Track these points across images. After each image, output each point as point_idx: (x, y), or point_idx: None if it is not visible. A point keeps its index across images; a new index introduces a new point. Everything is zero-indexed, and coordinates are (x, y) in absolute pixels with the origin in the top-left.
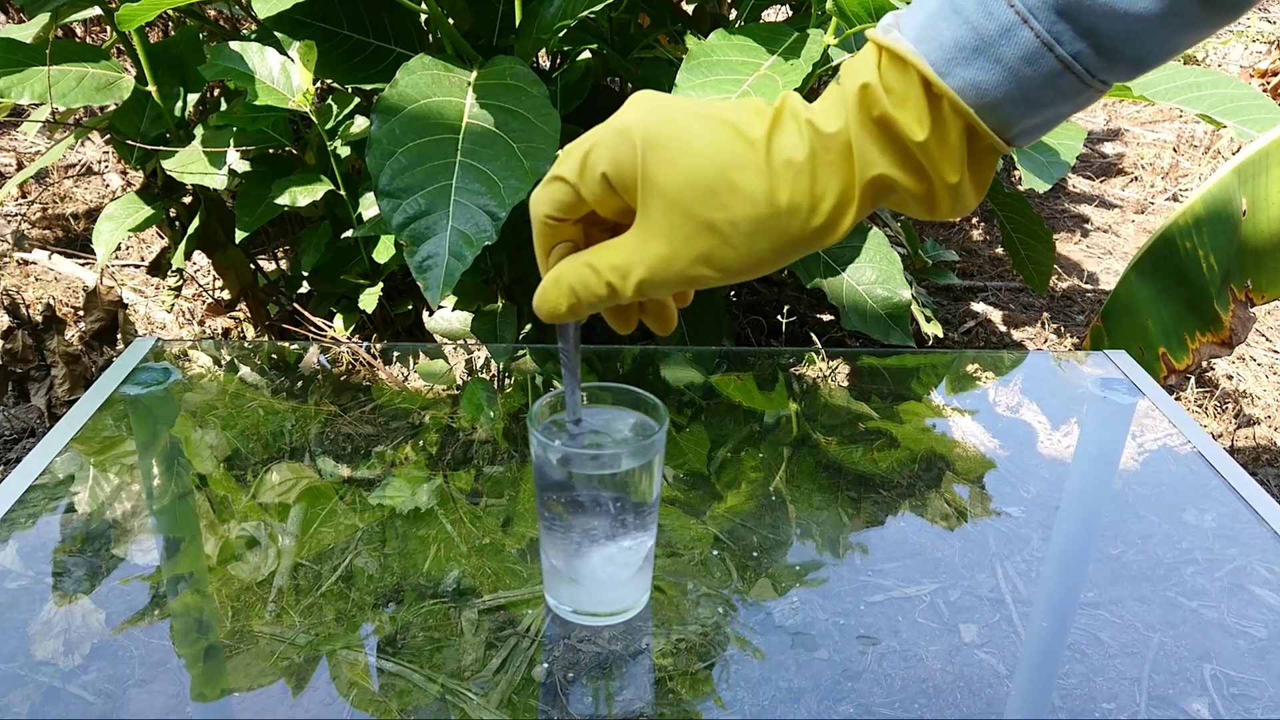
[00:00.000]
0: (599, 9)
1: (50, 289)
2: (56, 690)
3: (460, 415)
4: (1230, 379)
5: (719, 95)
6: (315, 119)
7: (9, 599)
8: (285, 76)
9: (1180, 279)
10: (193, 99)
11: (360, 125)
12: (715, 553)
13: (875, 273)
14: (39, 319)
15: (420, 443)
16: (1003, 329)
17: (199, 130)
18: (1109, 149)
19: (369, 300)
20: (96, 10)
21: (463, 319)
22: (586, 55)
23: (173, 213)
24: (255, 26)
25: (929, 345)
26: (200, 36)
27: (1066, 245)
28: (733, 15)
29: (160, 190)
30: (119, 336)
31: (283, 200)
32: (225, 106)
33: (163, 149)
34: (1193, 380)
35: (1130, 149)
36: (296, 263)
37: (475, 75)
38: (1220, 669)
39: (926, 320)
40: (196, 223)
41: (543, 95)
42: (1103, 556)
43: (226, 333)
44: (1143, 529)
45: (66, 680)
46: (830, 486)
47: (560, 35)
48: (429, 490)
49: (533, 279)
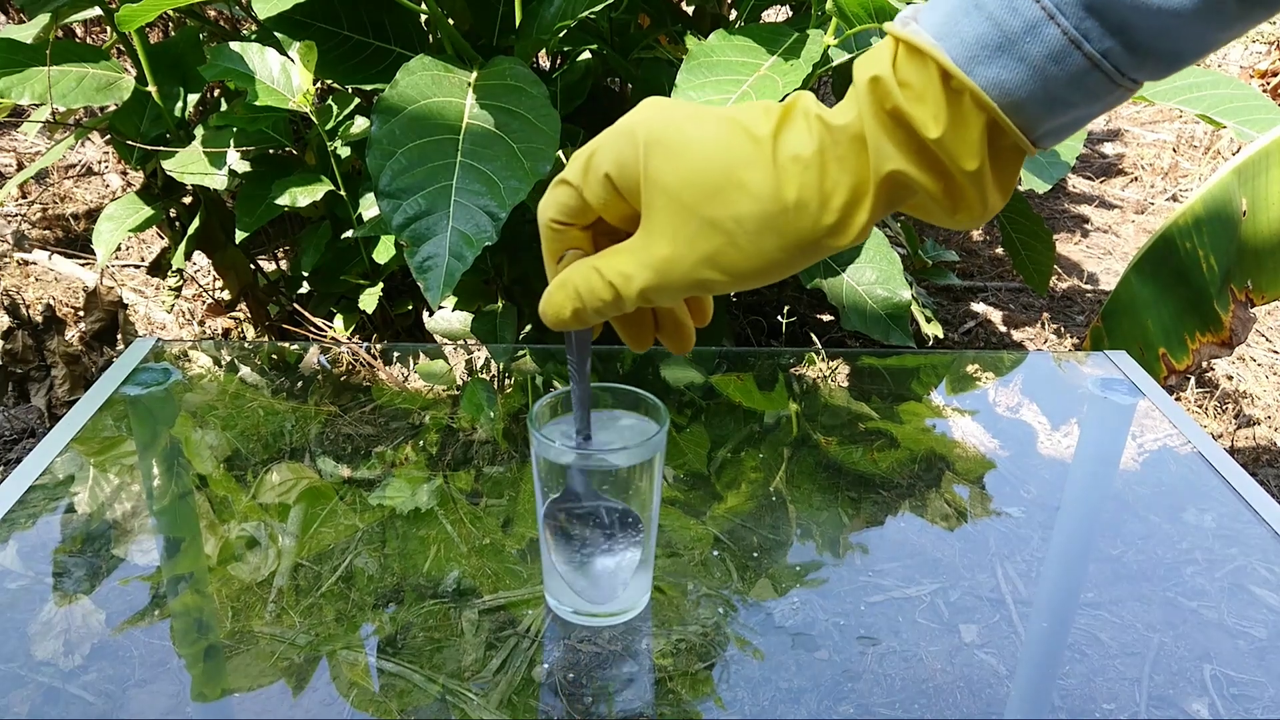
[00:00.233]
0: (599, 9)
1: (50, 289)
2: (56, 690)
3: (460, 416)
4: (1230, 379)
5: (719, 96)
6: (315, 119)
7: (9, 599)
8: (285, 77)
9: (1180, 279)
10: (193, 99)
11: (360, 125)
12: (715, 553)
13: (875, 273)
14: (39, 319)
15: (420, 443)
16: (1003, 329)
17: (199, 130)
18: (1109, 149)
19: (369, 300)
20: (96, 10)
21: (463, 319)
22: (586, 56)
23: (173, 213)
24: (255, 27)
25: (929, 345)
26: (200, 37)
27: (1066, 245)
28: (733, 15)
29: (160, 190)
30: (119, 337)
31: (283, 200)
32: (225, 107)
33: (163, 149)
34: (1193, 380)
35: (1130, 149)
36: (296, 263)
37: (475, 76)
38: (1220, 669)
39: (926, 320)
40: (196, 223)
41: (543, 95)
42: (1103, 556)
43: (226, 333)
44: (1143, 529)
45: (66, 680)
46: (830, 487)
47: (560, 35)
48: (429, 490)
49: (533, 280)
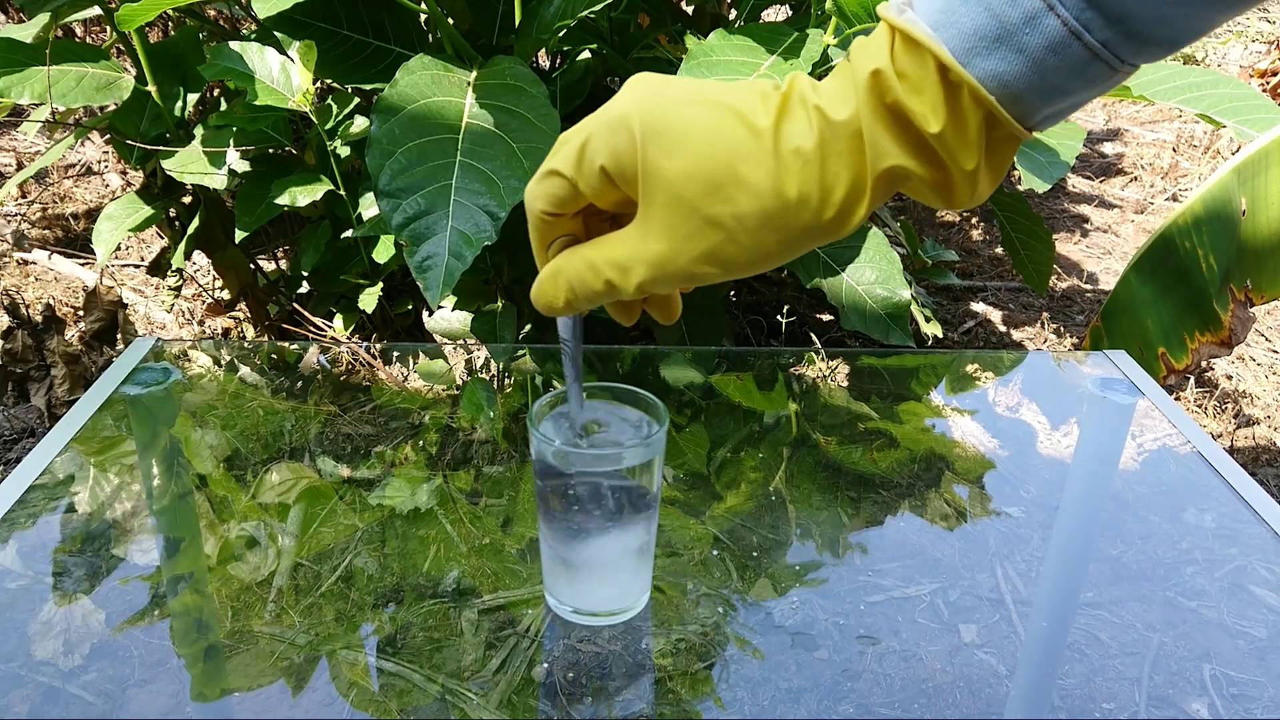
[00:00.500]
0: (599, 9)
1: (50, 289)
2: (56, 690)
3: (460, 415)
4: (1230, 379)
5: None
6: (315, 119)
7: (9, 599)
8: (285, 76)
9: (1180, 279)
10: (193, 99)
11: (360, 125)
12: (715, 553)
13: (875, 273)
14: (39, 319)
15: (420, 443)
16: (1002, 329)
17: (199, 130)
18: (1109, 149)
19: (369, 300)
20: (96, 10)
21: (463, 319)
22: (586, 55)
23: (173, 213)
24: (255, 26)
25: (929, 345)
26: (200, 36)
27: (1066, 245)
28: (732, 15)
29: (160, 190)
30: (119, 336)
31: (283, 200)
32: (225, 106)
33: (163, 149)
34: (1193, 380)
35: (1130, 149)
36: (296, 263)
37: (475, 75)
38: (1220, 669)
39: (926, 320)
40: (196, 223)
41: (542, 95)
42: (1103, 556)
43: (226, 333)
44: (1143, 529)
45: (66, 680)
46: (830, 486)
47: (560, 35)
48: (429, 490)
49: (532, 279)
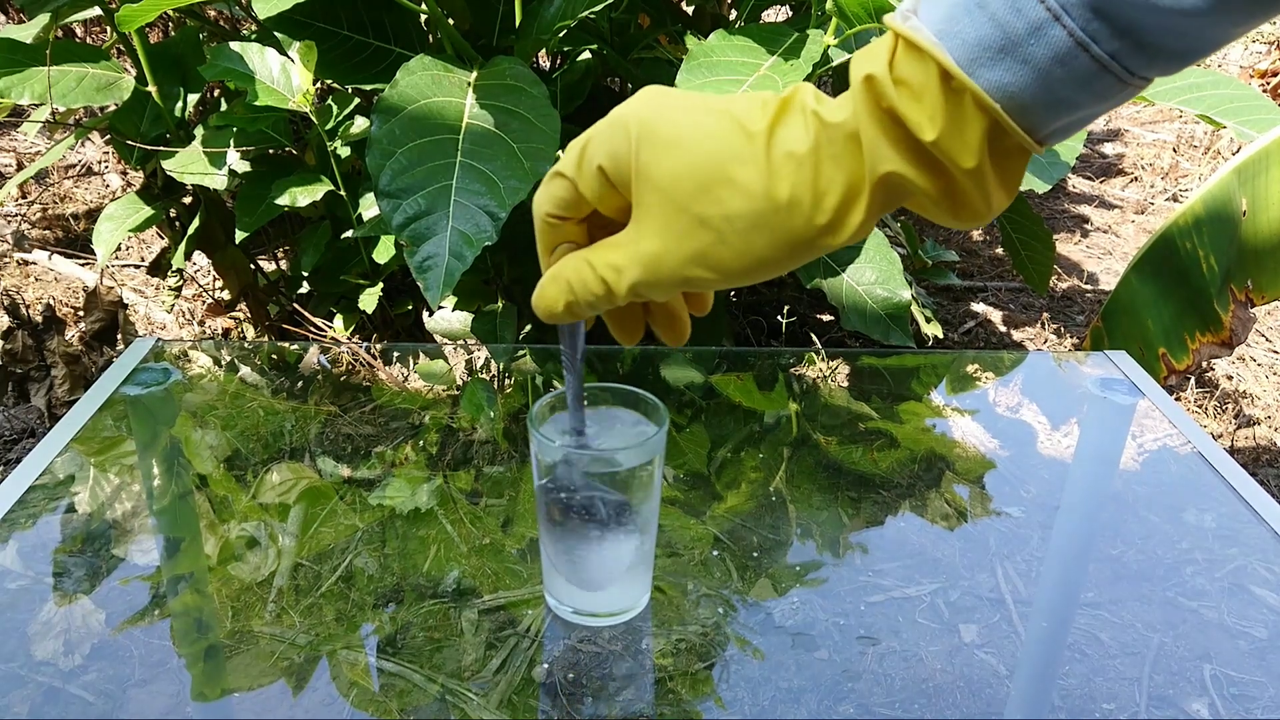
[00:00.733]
0: (599, 9)
1: (50, 289)
2: (56, 690)
3: (460, 415)
4: (1230, 379)
5: (719, 95)
6: (315, 119)
7: (9, 599)
8: (285, 77)
9: (1180, 279)
10: (193, 99)
11: (360, 125)
12: (715, 553)
13: (875, 273)
14: (39, 319)
15: (420, 443)
16: (1003, 329)
17: (199, 130)
18: (1109, 149)
19: (369, 300)
20: (96, 10)
21: (463, 319)
22: (586, 55)
23: (173, 213)
24: (255, 27)
25: (929, 345)
26: (200, 37)
27: (1066, 245)
28: (733, 15)
29: (160, 190)
30: (119, 337)
31: (283, 200)
32: (225, 106)
33: (163, 149)
34: (1193, 380)
35: (1130, 149)
36: (296, 263)
37: (475, 75)
38: (1220, 669)
39: (926, 320)
40: (196, 223)
41: (543, 95)
42: (1103, 556)
43: (226, 333)
44: (1143, 529)
45: (66, 680)
46: (830, 487)
47: (560, 35)
48: (429, 490)
49: (532, 279)
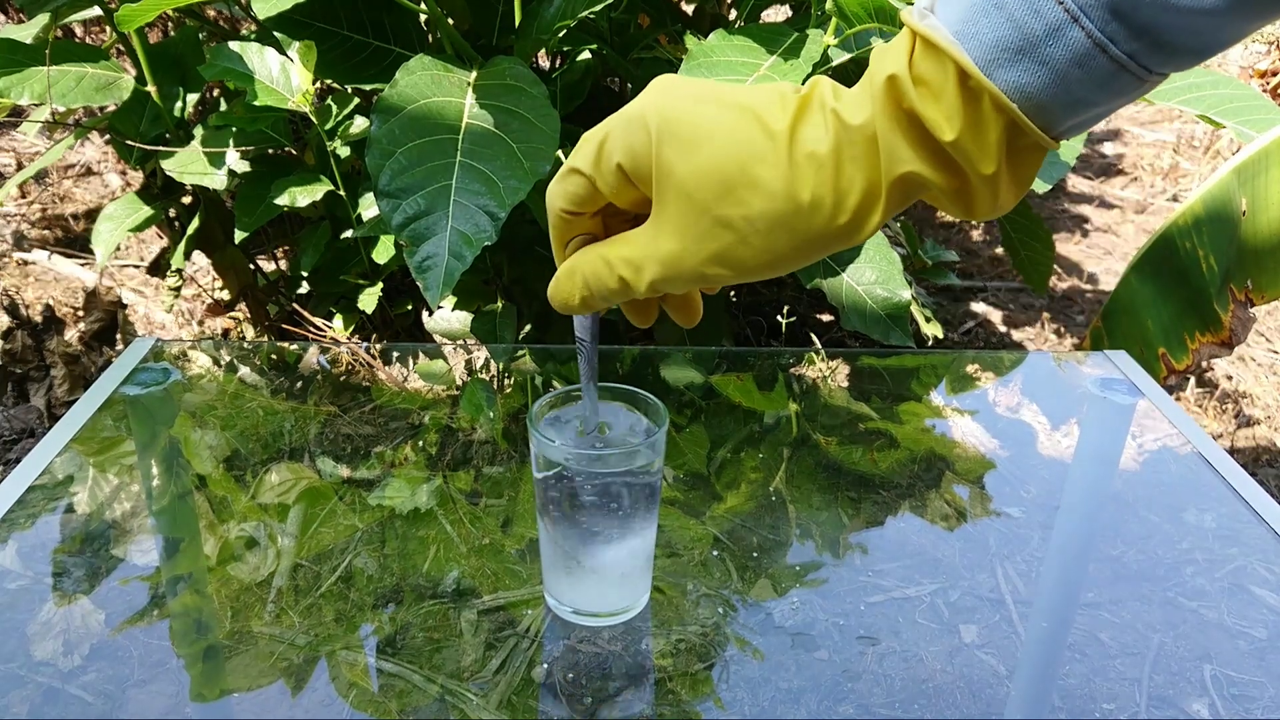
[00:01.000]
0: (599, 9)
1: (50, 289)
2: (56, 690)
3: (460, 415)
4: (1230, 379)
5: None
6: (315, 119)
7: (9, 599)
8: (285, 76)
9: (1180, 279)
10: (192, 99)
11: (360, 125)
12: (715, 553)
13: (875, 273)
14: (39, 319)
15: (420, 443)
16: (1003, 329)
17: (198, 130)
18: (1109, 149)
19: (369, 300)
20: (96, 10)
21: (462, 319)
22: (586, 55)
23: (172, 213)
24: (255, 26)
25: (929, 345)
26: (200, 36)
27: (1066, 245)
28: (732, 15)
29: (160, 190)
30: (118, 337)
31: (282, 200)
32: (225, 106)
33: (162, 149)
34: (1193, 380)
35: (1130, 149)
36: (296, 263)
37: (475, 75)
38: (1220, 669)
39: (926, 320)
40: (196, 223)
41: (543, 95)
42: (1103, 556)
43: (226, 333)
44: (1143, 529)
45: (66, 680)
46: (830, 487)
47: (560, 35)
48: (428, 491)
49: (533, 280)
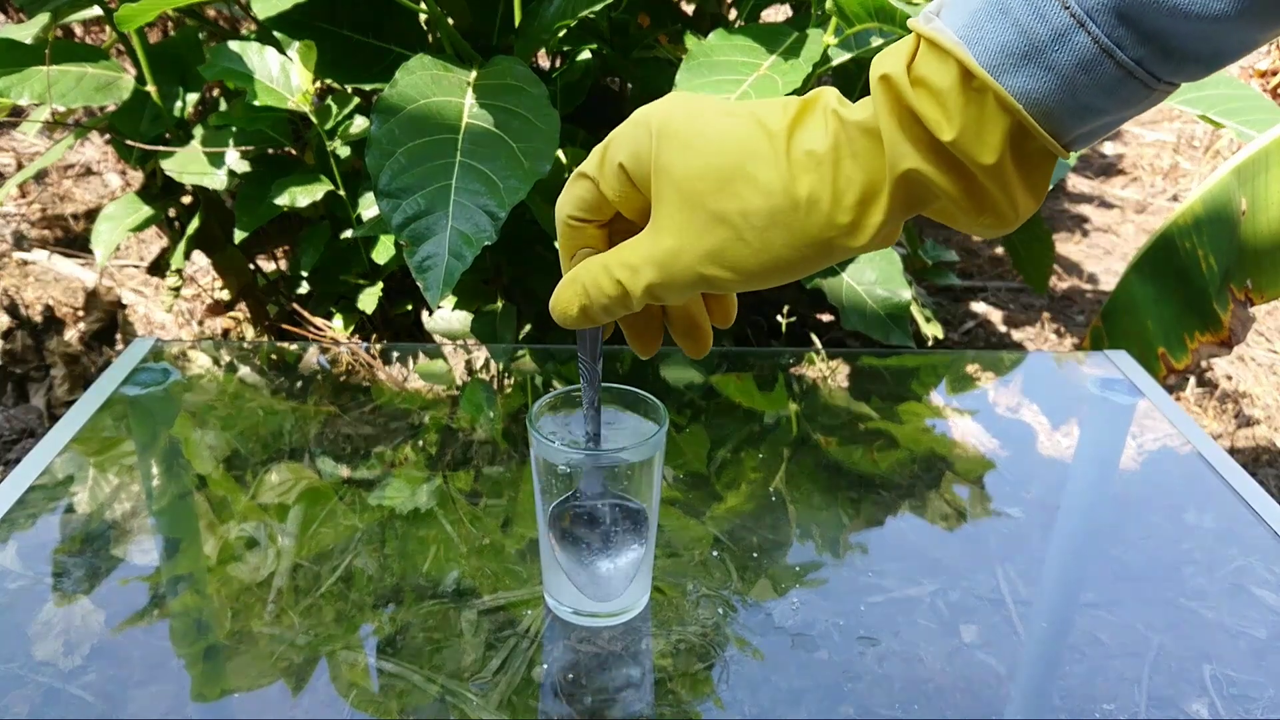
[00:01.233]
0: (599, 9)
1: (50, 289)
2: (56, 690)
3: (460, 415)
4: (1230, 379)
5: (719, 95)
6: (315, 119)
7: (9, 599)
8: (285, 76)
9: (1180, 279)
10: (192, 99)
11: (360, 125)
12: (715, 553)
13: (875, 273)
14: (39, 319)
15: (420, 443)
16: (1003, 329)
17: (198, 130)
18: (1109, 149)
19: (368, 300)
20: (96, 10)
21: (462, 319)
22: (586, 55)
23: (172, 213)
24: (255, 26)
25: (929, 345)
26: (200, 36)
27: (1066, 245)
28: (732, 15)
29: (160, 190)
30: (118, 337)
31: (282, 200)
32: (225, 106)
33: (162, 149)
34: (1193, 380)
35: (1130, 149)
36: (296, 263)
37: (475, 75)
38: (1220, 669)
39: (926, 321)
40: (196, 223)
41: (543, 95)
42: (1103, 556)
43: (226, 333)
44: (1143, 529)
45: (66, 681)
46: (830, 487)
47: (560, 35)
48: (429, 491)
49: (533, 280)
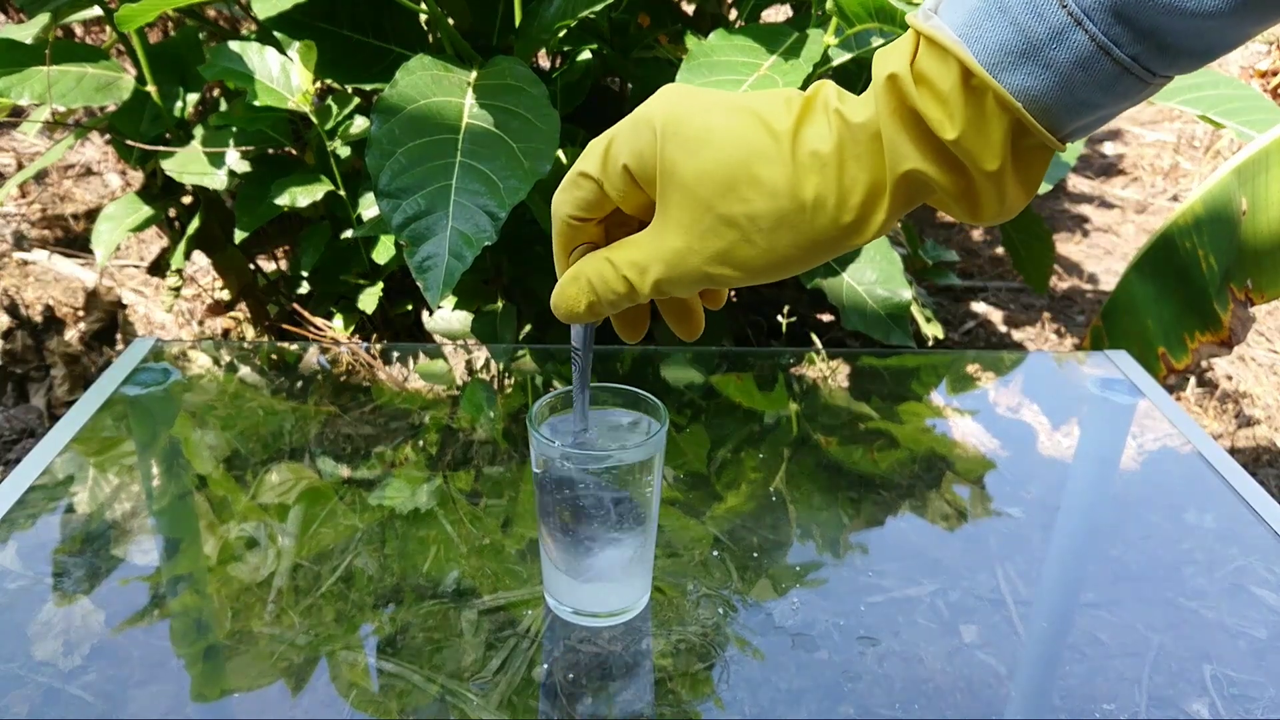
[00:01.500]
0: (599, 9)
1: (50, 289)
2: (56, 690)
3: (460, 415)
4: (1230, 379)
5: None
6: (315, 119)
7: (9, 599)
8: (285, 76)
9: (1180, 279)
10: (192, 99)
11: (360, 125)
12: (715, 553)
13: (875, 273)
14: (39, 319)
15: (420, 443)
16: (1003, 329)
17: (199, 130)
18: (1109, 149)
19: (369, 300)
20: (96, 10)
21: (462, 319)
22: (586, 55)
23: (172, 213)
24: (255, 26)
25: (929, 345)
26: (200, 36)
27: (1066, 245)
28: (733, 15)
29: (160, 190)
30: (118, 337)
31: (282, 200)
32: (225, 106)
33: (162, 149)
34: (1193, 380)
35: (1130, 149)
36: (296, 263)
37: (475, 75)
38: (1220, 669)
39: (927, 320)
40: (196, 223)
41: (543, 95)
42: (1103, 557)
43: (226, 333)
44: (1143, 529)
45: (66, 680)
46: (830, 487)
47: (560, 35)
48: (429, 491)
49: (533, 280)
